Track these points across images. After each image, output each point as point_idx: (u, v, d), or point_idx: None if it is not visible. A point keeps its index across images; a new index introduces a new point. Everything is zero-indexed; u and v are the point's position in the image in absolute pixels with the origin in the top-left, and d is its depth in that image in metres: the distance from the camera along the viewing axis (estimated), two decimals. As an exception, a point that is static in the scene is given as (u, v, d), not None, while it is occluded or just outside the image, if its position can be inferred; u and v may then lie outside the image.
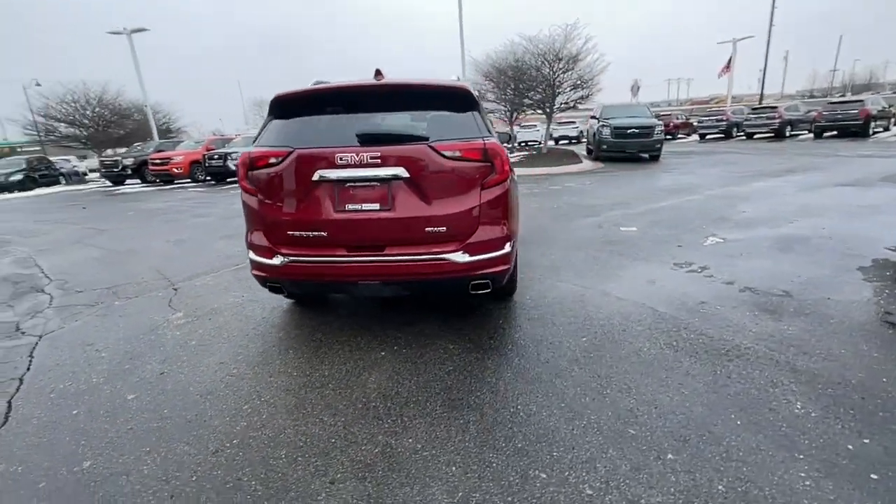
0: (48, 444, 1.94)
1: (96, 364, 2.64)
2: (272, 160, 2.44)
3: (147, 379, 2.43)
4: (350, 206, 2.40)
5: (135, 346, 2.86)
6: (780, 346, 2.40)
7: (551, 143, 26.04)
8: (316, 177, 2.37)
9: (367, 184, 2.38)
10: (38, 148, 25.79)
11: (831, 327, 2.56)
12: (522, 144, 25.42)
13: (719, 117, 21.27)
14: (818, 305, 2.85)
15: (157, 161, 15.80)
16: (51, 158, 20.16)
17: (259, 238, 2.59)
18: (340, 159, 2.34)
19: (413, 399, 2.12)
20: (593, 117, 14.18)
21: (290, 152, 2.41)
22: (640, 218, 5.64)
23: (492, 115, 20.67)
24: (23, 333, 3.19)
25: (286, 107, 2.58)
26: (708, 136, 21.88)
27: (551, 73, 13.86)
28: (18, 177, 17.23)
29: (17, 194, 16.56)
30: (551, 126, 17.09)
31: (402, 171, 2.34)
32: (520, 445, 1.76)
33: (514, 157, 17.20)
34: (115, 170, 16.82)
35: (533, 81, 14.63)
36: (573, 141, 27.28)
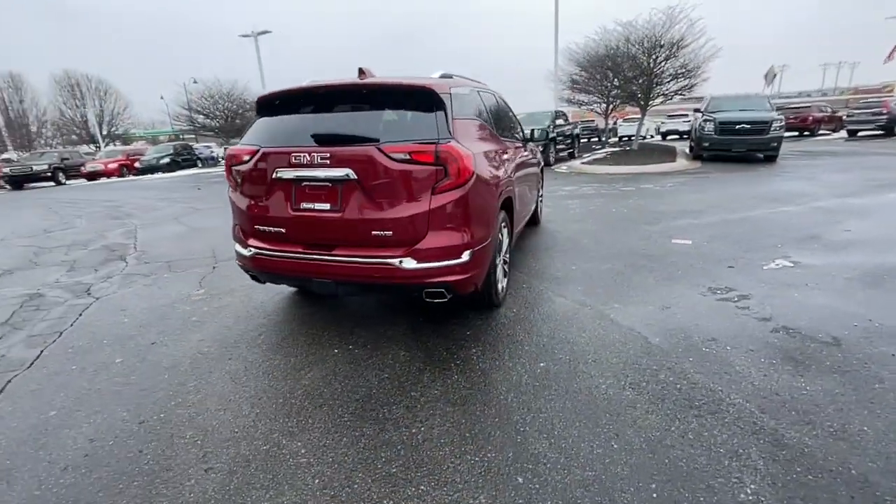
0: (38, 392, 2.33)
1: (114, 328, 3.09)
2: (244, 157, 2.59)
3: (139, 347, 2.79)
4: (305, 205, 2.46)
5: (150, 316, 3.28)
6: (777, 408, 1.90)
7: (657, 138, 23.74)
8: (275, 175, 2.47)
9: (320, 184, 2.41)
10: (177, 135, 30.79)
11: (870, 394, 1.96)
12: (624, 139, 23.52)
13: (876, 110, 17.31)
14: (870, 362, 2.20)
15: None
16: (193, 145, 24.02)
17: (237, 229, 2.78)
18: (294, 159, 2.40)
19: (330, 402, 2.12)
20: (697, 110, 12.54)
21: (257, 150, 2.53)
22: (704, 230, 4.88)
23: (583, 107, 19.48)
24: (89, 294, 3.86)
25: (267, 107, 2.71)
26: (860, 133, 18.01)
27: (648, 61, 12.54)
28: (166, 160, 20.77)
29: (163, 175, 20.00)
30: (660, 120, 15.54)
31: (350, 173, 2.32)
32: (394, 471, 1.66)
33: (601, 152, 16.07)
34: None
35: (627, 71, 13.40)
36: (684, 136, 24.53)
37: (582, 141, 27.93)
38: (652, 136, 26.74)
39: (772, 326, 2.63)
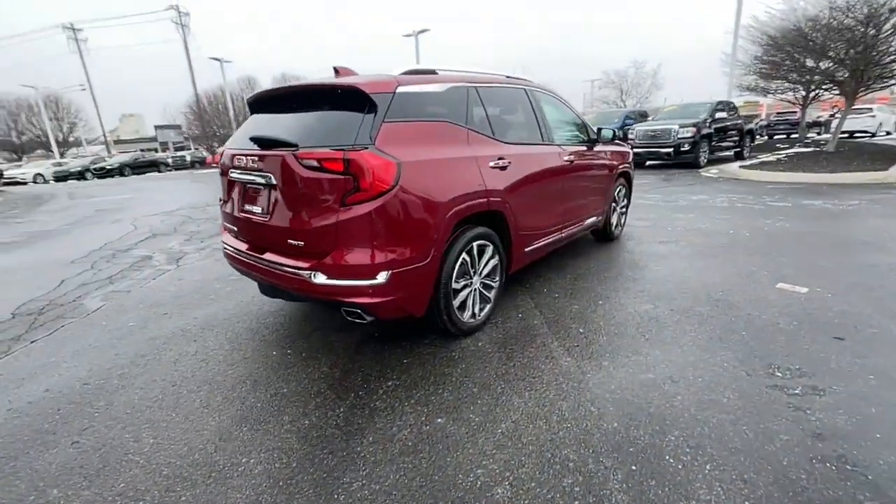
0: (70, 338, 2.92)
1: (147, 299, 3.67)
2: (222, 157, 2.76)
3: (154, 316, 3.26)
4: (246, 207, 2.50)
5: (190, 289, 3.82)
6: None
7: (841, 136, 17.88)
8: (229, 175, 2.56)
9: (256, 187, 2.41)
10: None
11: None
12: (848, 136, 18.29)
13: None
14: None
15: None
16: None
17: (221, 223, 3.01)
18: (237, 161, 2.44)
19: (229, 403, 2.13)
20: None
21: (224, 151, 2.66)
22: (847, 273, 3.42)
23: (770, 95, 15.73)
24: (177, 263, 4.71)
25: (251, 107, 2.82)
26: None
27: (864, 33, 9.28)
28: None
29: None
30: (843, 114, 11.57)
31: (272, 178, 2.25)
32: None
33: (781, 153, 12.72)
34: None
35: (831, 49, 10.19)
36: (871, 136, 18.30)
37: (776, 136, 22.56)
38: (889, 133, 20.10)
39: (811, 431, 1.67)
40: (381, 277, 2.13)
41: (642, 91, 36.72)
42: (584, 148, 3.93)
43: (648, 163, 12.35)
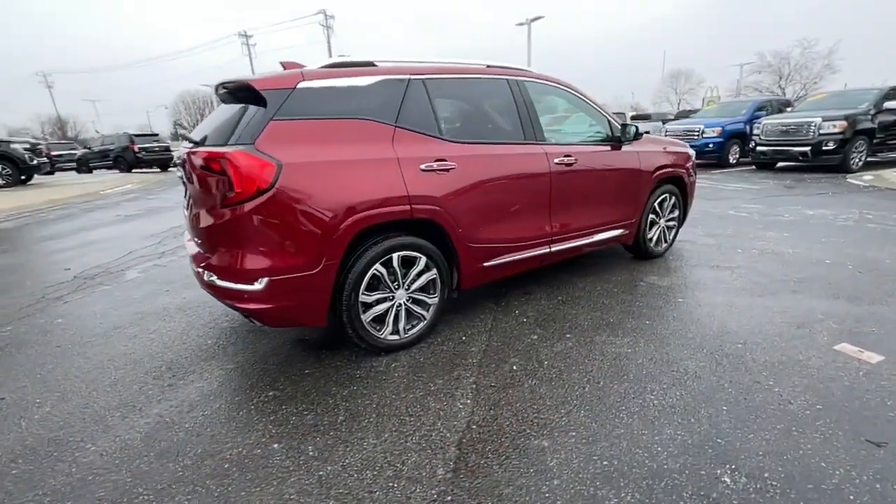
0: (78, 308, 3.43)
1: (167, 276, 4.11)
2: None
3: (148, 294, 3.65)
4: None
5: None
6: None
7: None
8: (181, 171, 2.69)
9: (184, 183, 2.48)
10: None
11: None
12: None
13: None
14: None
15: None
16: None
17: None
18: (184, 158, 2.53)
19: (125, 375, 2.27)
20: None
21: (183, 146, 2.80)
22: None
23: None
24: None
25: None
26: None
27: None
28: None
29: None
30: None
31: (190, 176, 2.29)
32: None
33: None
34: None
35: None
36: None
37: None
38: None
39: None
40: (259, 284, 2.03)
41: (809, 76, 30.23)
42: (599, 148, 3.31)
43: (780, 164, 10.14)
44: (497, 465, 1.63)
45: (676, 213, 4.02)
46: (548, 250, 3.05)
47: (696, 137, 11.00)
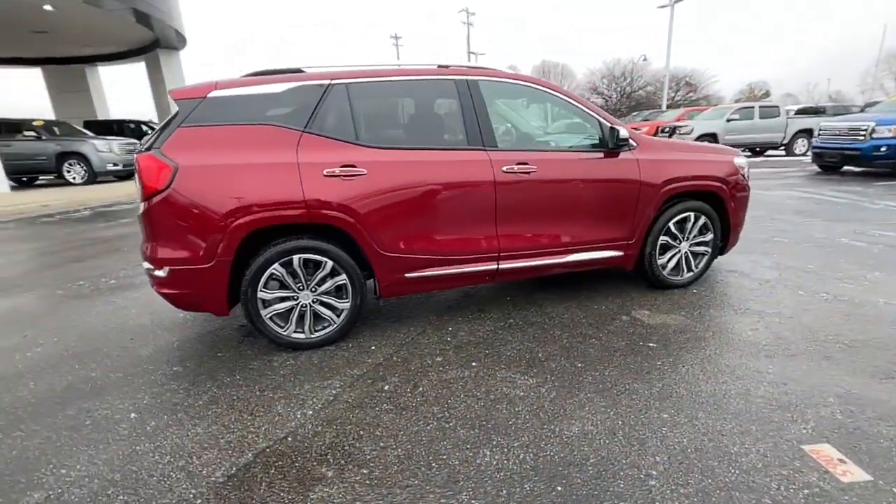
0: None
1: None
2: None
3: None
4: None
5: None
6: None
7: None
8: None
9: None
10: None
11: None
12: None
13: None
14: None
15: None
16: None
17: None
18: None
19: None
20: None
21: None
22: None
23: None
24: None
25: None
26: None
27: None
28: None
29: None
30: None
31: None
32: None
33: None
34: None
35: None
36: None
37: None
38: None
39: None
40: (163, 271, 2.31)
41: None
42: (581, 155, 2.87)
43: None
44: (267, 486, 1.60)
45: (709, 236, 3.24)
46: (494, 267, 2.77)
47: (862, 139, 8.53)
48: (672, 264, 3.22)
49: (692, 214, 3.13)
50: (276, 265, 2.39)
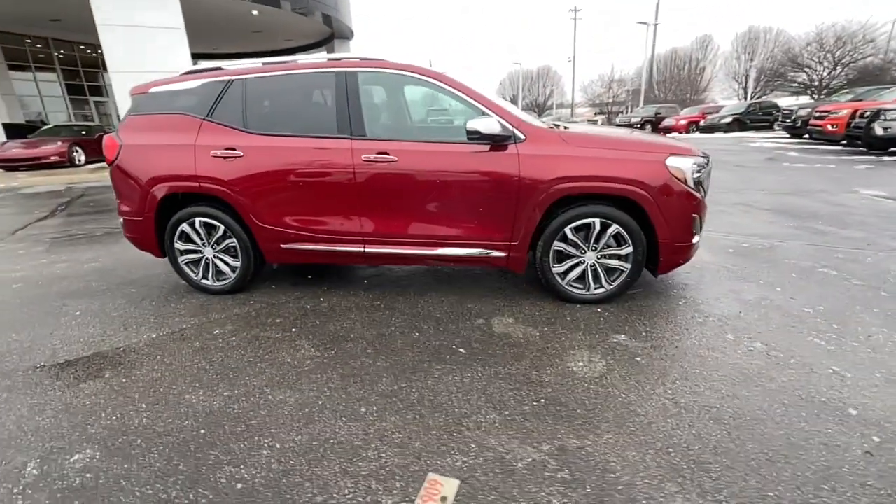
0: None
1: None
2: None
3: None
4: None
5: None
6: None
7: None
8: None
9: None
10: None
11: None
12: None
13: None
14: None
15: (819, 114, 13.12)
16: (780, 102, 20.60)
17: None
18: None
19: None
20: None
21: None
22: None
23: None
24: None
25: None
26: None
27: None
28: (728, 120, 19.63)
29: (720, 135, 19.26)
30: None
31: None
32: (37, 284, 3.57)
33: None
34: (788, 120, 15.45)
35: None
36: None
37: None
38: None
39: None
40: (121, 220, 3.23)
41: None
42: (454, 147, 2.76)
43: None
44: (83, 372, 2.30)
45: (626, 249, 2.72)
46: (361, 250, 2.95)
47: None
48: (574, 275, 2.83)
49: (597, 221, 2.68)
50: (184, 224, 3.08)
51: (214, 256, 3.15)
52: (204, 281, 3.21)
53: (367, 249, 2.94)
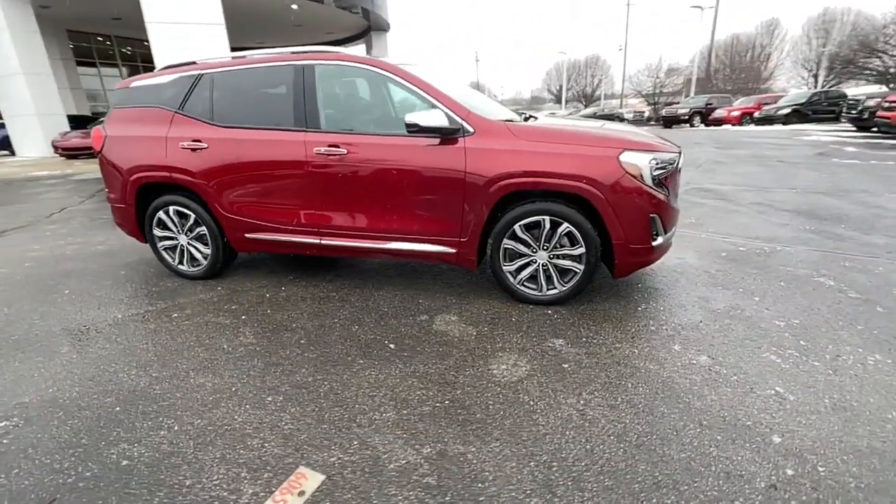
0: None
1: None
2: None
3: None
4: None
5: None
6: None
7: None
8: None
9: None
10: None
11: None
12: None
13: None
14: None
15: (889, 105, 11.76)
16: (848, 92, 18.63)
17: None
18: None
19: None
20: None
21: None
22: None
23: None
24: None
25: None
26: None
27: None
28: (786, 111, 18.04)
29: (776, 127, 17.74)
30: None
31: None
32: (46, 263, 3.91)
33: None
34: (854, 112, 13.97)
35: None
36: None
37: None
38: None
39: None
40: (110, 206, 3.46)
41: None
42: (403, 141, 2.71)
43: None
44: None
45: (579, 249, 2.58)
46: (318, 241, 2.99)
47: None
48: (526, 275, 2.73)
49: (546, 219, 2.56)
50: (160, 212, 3.25)
51: (188, 243, 3.31)
52: (180, 266, 3.39)
53: (322, 241, 2.98)
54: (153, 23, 12.12)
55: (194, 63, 3.21)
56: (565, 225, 2.55)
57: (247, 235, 3.13)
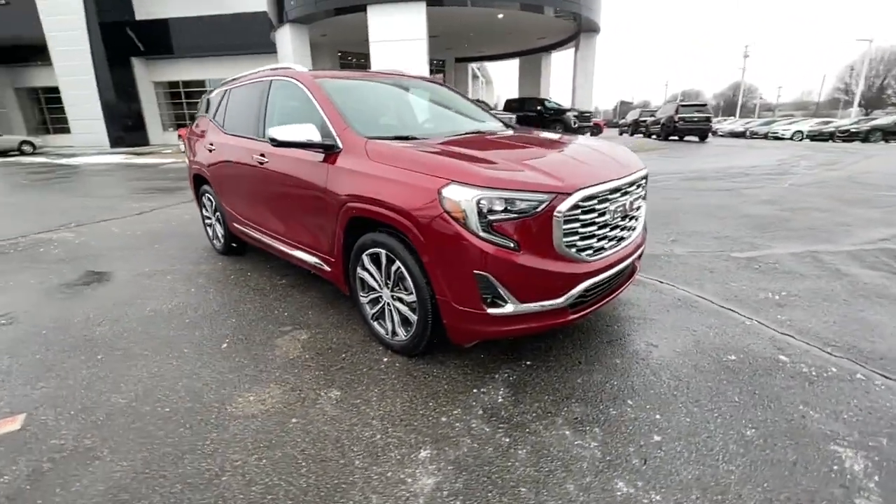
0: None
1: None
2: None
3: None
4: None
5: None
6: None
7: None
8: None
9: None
10: None
11: None
12: None
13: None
14: None
15: None
16: None
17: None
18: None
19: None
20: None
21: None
22: None
23: None
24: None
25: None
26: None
27: None
28: None
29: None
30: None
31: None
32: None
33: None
34: None
35: None
36: None
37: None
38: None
39: None
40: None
41: None
42: (295, 154, 2.73)
43: None
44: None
45: (411, 296, 2.13)
46: (269, 241, 3.28)
47: None
48: (376, 311, 2.43)
49: (383, 253, 2.22)
50: (203, 197, 4.21)
51: (215, 223, 4.17)
52: (215, 241, 4.30)
53: (269, 241, 3.29)
54: (374, 42, 14.81)
55: (235, 80, 3.97)
56: (397, 264, 2.16)
57: (234, 224, 3.72)
